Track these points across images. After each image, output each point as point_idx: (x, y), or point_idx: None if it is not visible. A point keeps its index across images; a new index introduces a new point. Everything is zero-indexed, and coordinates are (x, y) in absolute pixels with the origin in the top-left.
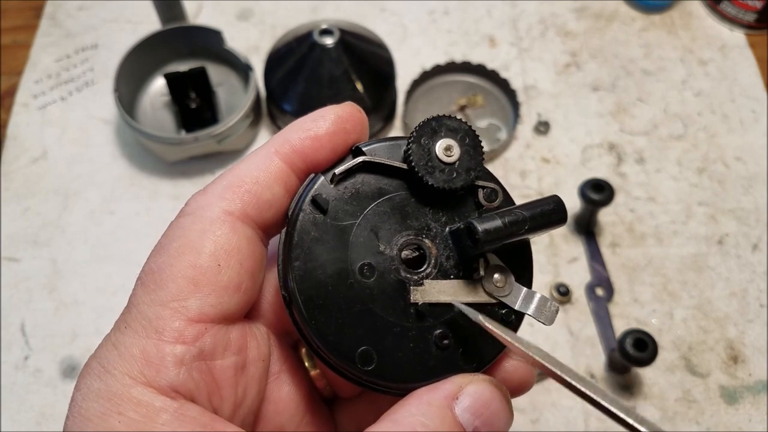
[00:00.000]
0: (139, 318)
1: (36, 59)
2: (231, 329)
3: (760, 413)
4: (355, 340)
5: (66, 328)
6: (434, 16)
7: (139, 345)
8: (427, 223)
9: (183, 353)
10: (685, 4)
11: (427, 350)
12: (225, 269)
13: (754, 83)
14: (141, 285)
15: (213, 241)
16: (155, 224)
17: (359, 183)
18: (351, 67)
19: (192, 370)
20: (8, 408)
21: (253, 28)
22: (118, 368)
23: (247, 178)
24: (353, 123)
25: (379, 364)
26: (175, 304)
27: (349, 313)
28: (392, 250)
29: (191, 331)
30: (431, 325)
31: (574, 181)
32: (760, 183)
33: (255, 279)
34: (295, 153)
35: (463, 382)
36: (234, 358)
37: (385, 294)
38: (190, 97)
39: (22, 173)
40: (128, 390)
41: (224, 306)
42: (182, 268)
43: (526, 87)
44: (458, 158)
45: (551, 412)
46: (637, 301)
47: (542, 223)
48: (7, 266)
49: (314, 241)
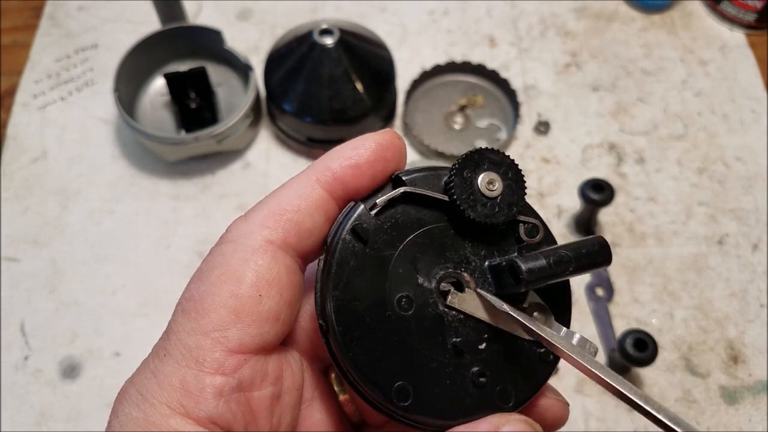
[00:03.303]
0: (179, 346)
1: (36, 59)
2: (269, 359)
3: (760, 413)
4: (392, 374)
5: (66, 328)
6: (434, 16)
7: (178, 374)
8: (466, 257)
9: (222, 384)
10: (685, 4)
11: (464, 387)
12: (266, 300)
13: (754, 83)
14: (182, 312)
15: (254, 271)
16: (155, 224)
17: (399, 213)
18: (351, 67)
19: (230, 402)
20: (8, 408)
21: (253, 28)
22: (156, 397)
23: (289, 206)
24: (393, 151)
25: (415, 400)
26: (216, 334)
27: (386, 346)
28: (431, 283)
29: (231, 362)
30: (468, 362)
31: (574, 181)
32: (760, 183)
33: (293, 309)
34: (336, 181)
35: (500, 422)
36: (271, 388)
37: (422, 327)
38: (190, 97)
39: (22, 173)
40: (167, 420)
41: (264, 337)
42: (223, 297)
43: (526, 87)
44: (500, 192)
45: None
46: (637, 301)
47: (587, 264)
48: (7, 266)
49: (353, 271)
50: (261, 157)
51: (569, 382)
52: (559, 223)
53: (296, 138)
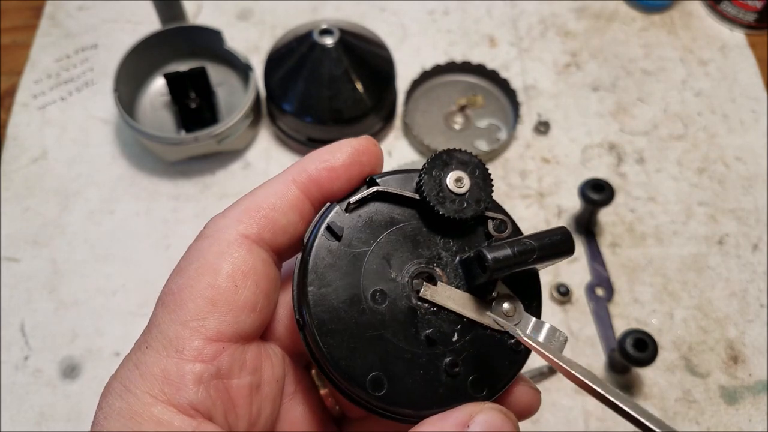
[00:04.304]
0: (159, 338)
1: (36, 59)
2: (247, 349)
3: (760, 413)
4: (366, 366)
5: (66, 328)
6: (434, 16)
7: (159, 364)
8: (438, 252)
9: (202, 371)
10: (685, 4)
11: (438, 378)
12: (241, 290)
13: (754, 83)
14: (161, 305)
15: (230, 263)
16: (155, 224)
17: (373, 212)
18: (351, 67)
19: (210, 389)
20: (8, 408)
21: (253, 28)
22: (139, 387)
23: (264, 203)
24: (368, 156)
25: (389, 390)
26: (195, 323)
27: (360, 339)
28: (403, 278)
29: (210, 350)
30: (441, 352)
31: (574, 181)
32: (760, 183)
33: (269, 299)
34: (311, 182)
35: (474, 411)
36: (249, 377)
37: (396, 320)
38: (190, 97)
39: (21, 173)
40: (149, 408)
41: (241, 325)
42: (201, 288)
43: (526, 87)
44: (468, 189)
45: (551, 412)
46: (637, 301)
47: (550, 253)
48: (7, 266)
49: (328, 267)
50: (261, 157)
51: (569, 382)
52: (559, 223)
53: (296, 138)
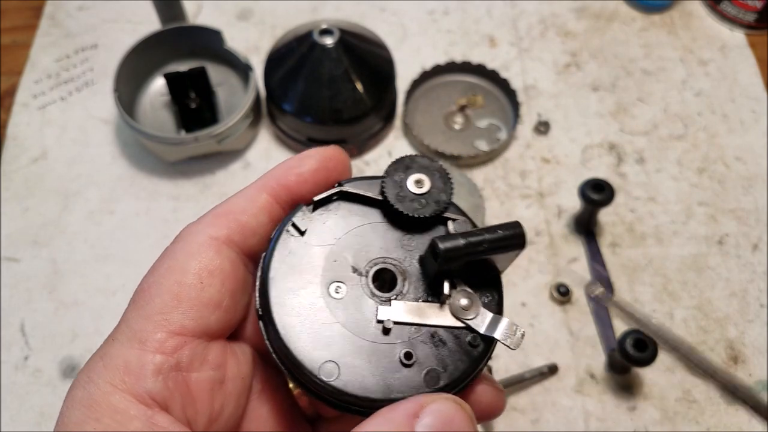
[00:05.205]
0: (126, 331)
1: (36, 59)
2: (211, 345)
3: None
4: (320, 354)
5: (66, 328)
6: (434, 16)
7: (123, 355)
8: (398, 251)
9: (161, 362)
10: (685, 4)
11: (392, 367)
12: (207, 287)
13: (754, 83)
14: (132, 302)
15: (198, 261)
16: (155, 224)
17: (337, 212)
18: (351, 67)
19: (168, 380)
20: (8, 408)
21: (253, 28)
22: (101, 377)
23: (234, 208)
24: (335, 162)
25: (342, 378)
26: (159, 317)
27: (316, 328)
28: (363, 273)
29: (171, 343)
30: (397, 343)
31: (574, 181)
32: (760, 183)
33: (236, 298)
34: (281, 187)
35: (426, 401)
36: (211, 372)
37: (353, 311)
38: (190, 97)
39: (21, 173)
40: (108, 397)
41: (204, 321)
42: (168, 285)
43: (526, 87)
44: (428, 191)
45: (551, 412)
46: (637, 301)
47: (501, 245)
48: (7, 266)
49: (290, 260)
50: (261, 157)
51: (569, 382)
52: (559, 223)
53: (296, 138)
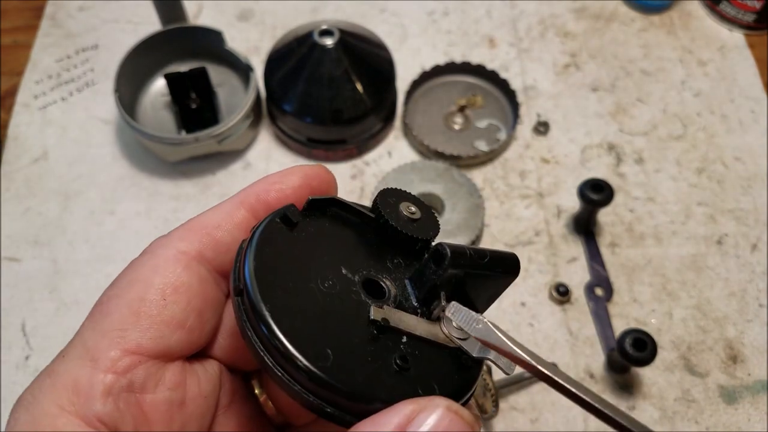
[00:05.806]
0: (78, 347)
1: (36, 59)
2: (168, 366)
3: (759, 413)
4: (308, 338)
5: (67, 328)
6: (434, 16)
7: (72, 373)
8: (387, 268)
9: (112, 383)
10: (684, 5)
11: (387, 368)
12: (170, 305)
13: (753, 83)
14: (89, 316)
15: (163, 276)
16: (155, 224)
17: (326, 224)
18: (351, 68)
19: (119, 401)
20: (9, 408)
21: (254, 28)
22: (47, 397)
23: (208, 222)
24: (319, 181)
25: (334, 365)
26: (114, 333)
27: (305, 311)
28: (354, 276)
29: (125, 362)
30: (391, 346)
31: (574, 181)
32: (759, 183)
33: (203, 318)
34: (260, 203)
35: (417, 408)
36: (168, 393)
37: (344, 307)
38: (191, 98)
39: (22, 173)
40: (54, 420)
41: (164, 341)
42: (128, 299)
43: (525, 87)
44: (420, 218)
45: (551, 411)
46: (636, 301)
47: (500, 264)
48: (8, 266)
49: (278, 244)
50: (261, 158)
51: None
52: (558, 223)
53: (296, 138)
